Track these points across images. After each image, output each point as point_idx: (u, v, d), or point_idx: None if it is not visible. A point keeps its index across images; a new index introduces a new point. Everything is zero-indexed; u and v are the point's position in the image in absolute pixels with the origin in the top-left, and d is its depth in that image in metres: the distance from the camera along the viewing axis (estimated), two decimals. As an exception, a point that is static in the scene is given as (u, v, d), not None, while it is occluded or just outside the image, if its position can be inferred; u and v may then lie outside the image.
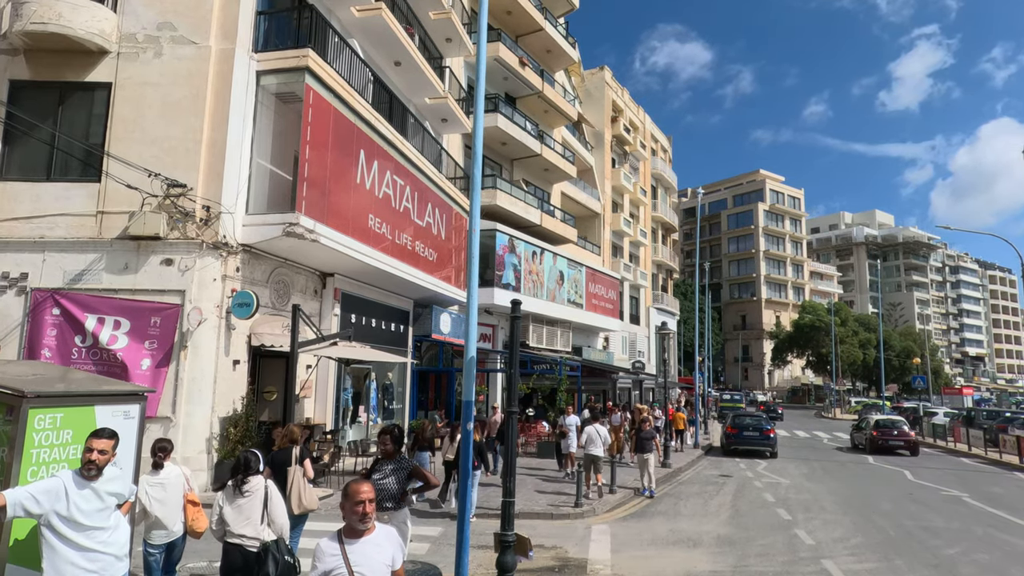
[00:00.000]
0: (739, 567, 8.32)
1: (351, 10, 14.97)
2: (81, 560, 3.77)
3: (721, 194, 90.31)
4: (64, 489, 3.79)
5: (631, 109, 44.51)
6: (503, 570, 6.28)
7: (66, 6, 10.92)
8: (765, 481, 16.11)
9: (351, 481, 3.56)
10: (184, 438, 10.63)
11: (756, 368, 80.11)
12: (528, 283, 24.59)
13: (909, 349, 64.47)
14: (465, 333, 6.74)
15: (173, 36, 11.55)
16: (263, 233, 11.55)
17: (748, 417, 24.05)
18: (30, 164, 11.45)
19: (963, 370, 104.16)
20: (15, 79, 11.47)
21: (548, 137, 29.44)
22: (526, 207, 25.67)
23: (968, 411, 36.87)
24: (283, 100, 12.77)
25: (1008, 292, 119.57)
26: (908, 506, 13.03)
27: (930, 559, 8.91)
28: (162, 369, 10.72)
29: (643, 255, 44.47)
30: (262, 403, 12.89)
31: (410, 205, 15.99)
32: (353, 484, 3.47)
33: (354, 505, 3.38)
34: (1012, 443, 22.42)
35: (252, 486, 5.14)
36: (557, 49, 29.75)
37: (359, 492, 3.41)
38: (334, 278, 14.60)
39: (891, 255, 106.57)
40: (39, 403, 4.45)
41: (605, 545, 9.24)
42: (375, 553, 3.37)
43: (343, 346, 12.42)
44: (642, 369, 32.99)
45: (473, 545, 7.67)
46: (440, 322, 19.76)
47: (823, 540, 9.85)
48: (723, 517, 11.51)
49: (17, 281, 10.84)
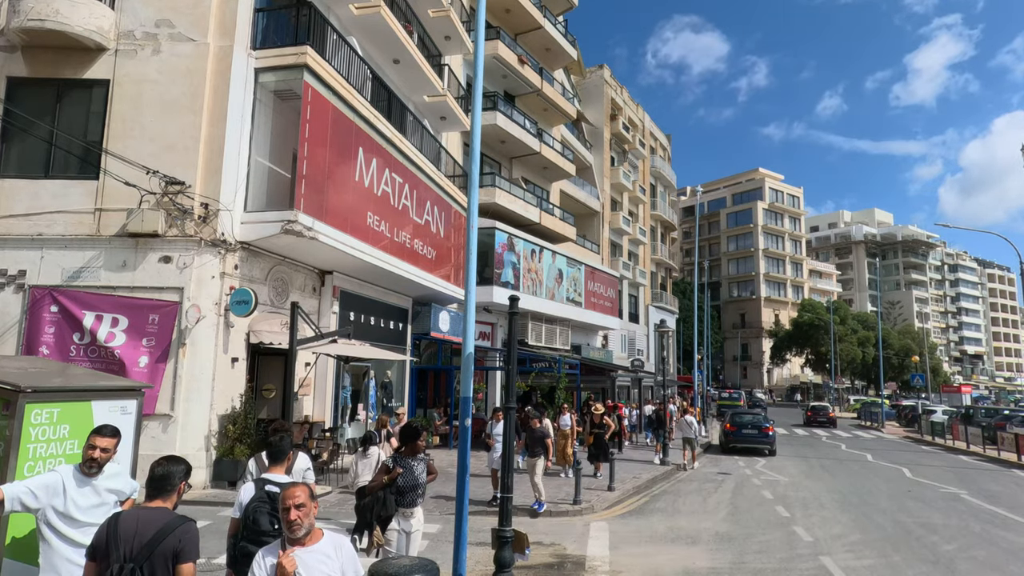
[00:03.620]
0: (737, 564, 8.33)
1: (350, 8, 14.95)
2: (77, 556, 3.75)
3: (720, 192, 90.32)
4: (62, 484, 3.77)
5: (630, 107, 44.50)
6: (501, 566, 6.28)
7: (64, 3, 10.90)
8: (764, 479, 16.13)
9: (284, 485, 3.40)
10: (183, 435, 10.64)
11: (755, 366, 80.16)
12: (527, 281, 24.59)
13: (908, 347, 64.54)
14: (463, 329, 6.74)
15: (171, 33, 11.54)
16: (261, 231, 11.54)
17: (747, 415, 24.10)
18: (28, 161, 11.43)
19: (962, 368, 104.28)
20: (13, 76, 11.46)
21: (547, 135, 29.42)
22: (525, 205, 25.66)
23: (967, 409, 36.88)
24: (282, 97, 12.76)
25: (1007, 291, 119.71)
26: (906, 503, 13.05)
27: (928, 555, 8.92)
28: (160, 366, 10.72)
29: (642, 253, 44.46)
30: (261, 401, 12.89)
31: (409, 203, 15.99)
32: (284, 489, 3.18)
33: (282, 511, 3.06)
34: (1010, 441, 22.46)
35: (371, 452, 7.99)
36: (556, 47, 29.73)
37: (286, 497, 3.07)
38: (333, 276, 14.59)
39: (890, 253, 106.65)
40: (36, 398, 4.44)
41: (603, 542, 9.24)
42: (320, 565, 3.03)
43: (342, 344, 12.42)
44: (641, 367, 33.00)
45: (471, 542, 7.68)
46: (439, 320, 19.76)
47: (821, 537, 9.86)
48: (722, 514, 11.52)
49: (15, 278, 10.83)
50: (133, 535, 3.02)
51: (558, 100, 29.57)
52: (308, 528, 3.08)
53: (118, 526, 3.05)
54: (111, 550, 3.02)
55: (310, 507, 3.11)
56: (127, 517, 3.12)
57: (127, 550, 3.00)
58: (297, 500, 3.05)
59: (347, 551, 3.17)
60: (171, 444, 10.47)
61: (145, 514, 3.13)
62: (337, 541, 3.17)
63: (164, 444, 10.45)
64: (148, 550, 3.00)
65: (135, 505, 3.51)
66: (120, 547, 3.00)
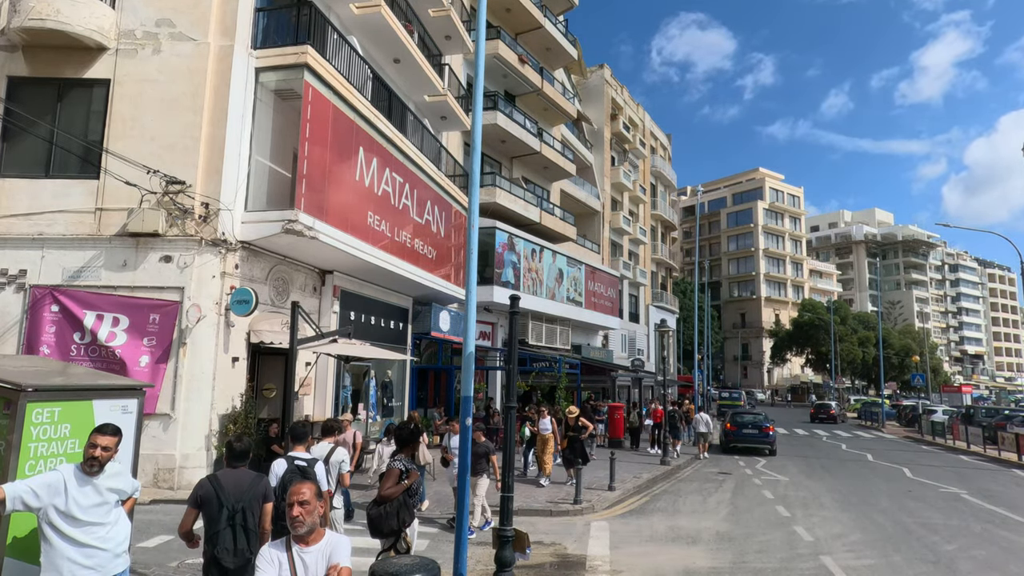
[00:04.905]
0: (738, 563, 8.33)
1: (350, 7, 14.94)
2: (78, 556, 3.75)
3: (720, 192, 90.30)
4: (64, 483, 3.77)
5: (631, 107, 44.48)
6: (502, 565, 6.28)
7: (65, 2, 10.90)
8: (764, 478, 16.13)
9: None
10: (183, 435, 10.64)
11: (755, 366, 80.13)
12: (527, 281, 24.58)
13: (908, 347, 64.49)
14: (464, 328, 6.75)
15: (172, 33, 11.54)
16: (262, 230, 11.54)
17: (747, 415, 24.09)
18: (29, 161, 11.43)
19: (962, 368, 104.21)
20: (13, 75, 11.45)
21: (547, 135, 29.41)
22: (525, 205, 25.65)
23: (967, 409, 36.85)
24: (282, 97, 12.76)
25: (1008, 290, 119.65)
26: (907, 503, 13.04)
27: (928, 555, 8.92)
28: (161, 366, 10.72)
29: (643, 253, 44.45)
30: (261, 400, 12.88)
31: (409, 203, 15.98)
32: (293, 484, 3.19)
33: (286, 507, 3.05)
34: (1011, 440, 22.44)
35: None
36: (556, 47, 29.71)
37: (292, 493, 3.07)
38: (333, 275, 14.59)
39: (890, 253, 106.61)
40: (37, 397, 4.43)
41: (604, 542, 9.24)
42: (318, 566, 3.04)
43: (342, 343, 12.41)
44: (641, 367, 32.97)
45: (472, 541, 7.68)
46: (439, 320, 19.75)
47: (822, 537, 9.86)
48: (722, 514, 11.52)
49: (16, 278, 10.83)
50: (235, 486, 4.31)
51: (558, 100, 29.56)
52: (311, 526, 3.07)
53: (220, 482, 4.31)
54: (221, 497, 4.22)
55: (315, 505, 3.10)
56: (225, 475, 4.40)
57: (234, 496, 4.25)
58: (301, 497, 3.05)
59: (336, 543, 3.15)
60: (172, 443, 10.47)
61: (235, 473, 4.44)
62: (333, 539, 3.17)
63: (165, 443, 10.46)
64: (248, 495, 4.29)
65: (224, 469, 4.61)
66: (228, 495, 4.24)
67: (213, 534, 4.19)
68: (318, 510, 3.13)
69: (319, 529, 3.14)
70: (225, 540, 4.16)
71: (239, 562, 4.16)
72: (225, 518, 4.20)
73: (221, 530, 4.17)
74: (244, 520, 4.23)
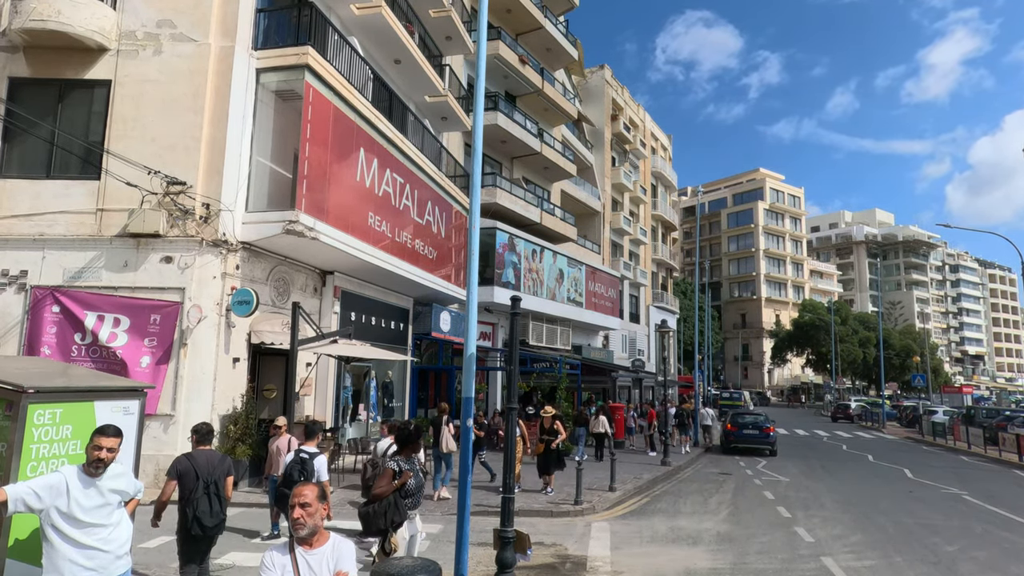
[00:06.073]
0: (739, 564, 8.33)
1: (351, 8, 14.95)
2: (79, 557, 3.74)
3: (721, 192, 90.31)
4: (66, 485, 3.76)
5: (631, 107, 44.48)
6: (502, 566, 6.28)
7: (65, 3, 10.90)
8: (765, 479, 16.13)
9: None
10: (184, 435, 10.60)
11: (756, 367, 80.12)
12: (528, 281, 24.58)
13: (909, 348, 64.45)
14: (465, 329, 6.74)
15: (173, 33, 11.54)
16: (263, 231, 11.54)
17: (748, 415, 24.08)
18: (30, 161, 11.43)
19: (963, 369, 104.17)
20: (14, 76, 11.46)
21: (548, 135, 29.41)
22: (526, 205, 25.65)
23: (968, 409, 36.84)
24: (283, 98, 12.76)
25: (1008, 291, 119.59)
26: (908, 504, 13.04)
27: (929, 556, 8.92)
28: (162, 367, 10.72)
29: (643, 253, 44.44)
30: (262, 401, 12.88)
31: (410, 203, 15.98)
32: (296, 486, 3.16)
33: (289, 508, 3.03)
34: (1011, 441, 22.44)
35: None
36: (557, 47, 29.71)
37: (294, 495, 3.04)
38: (334, 276, 14.59)
39: (891, 254, 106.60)
40: (38, 398, 4.43)
41: (605, 542, 9.24)
42: (322, 568, 3.02)
43: (343, 344, 12.42)
44: (642, 367, 32.94)
45: (473, 542, 7.67)
46: (440, 320, 19.75)
47: (823, 537, 9.86)
48: (723, 515, 11.52)
49: (17, 279, 10.83)
50: (207, 462, 5.37)
51: (559, 100, 29.56)
52: (312, 528, 3.05)
53: (195, 459, 5.37)
54: (197, 471, 5.28)
55: (316, 507, 3.07)
56: (198, 454, 5.44)
57: (207, 470, 5.31)
58: (303, 499, 3.03)
59: (341, 549, 3.13)
60: (172, 444, 10.47)
61: (205, 452, 5.50)
62: (337, 542, 3.15)
63: (165, 444, 10.46)
64: (218, 470, 5.38)
65: (196, 449, 5.54)
66: (203, 469, 5.30)
67: (193, 500, 5.23)
68: (320, 512, 3.11)
69: (322, 532, 3.11)
70: (203, 505, 5.23)
71: (215, 521, 5.29)
72: (201, 488, 5.25)
73: (199, 497, 5.23)
74: (216, 490, 5.31)
